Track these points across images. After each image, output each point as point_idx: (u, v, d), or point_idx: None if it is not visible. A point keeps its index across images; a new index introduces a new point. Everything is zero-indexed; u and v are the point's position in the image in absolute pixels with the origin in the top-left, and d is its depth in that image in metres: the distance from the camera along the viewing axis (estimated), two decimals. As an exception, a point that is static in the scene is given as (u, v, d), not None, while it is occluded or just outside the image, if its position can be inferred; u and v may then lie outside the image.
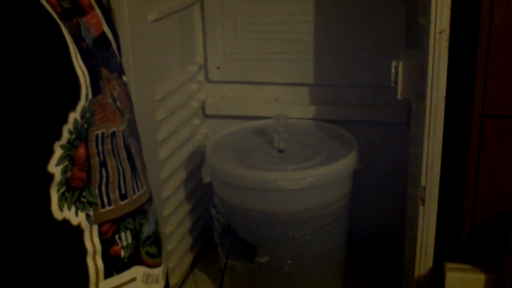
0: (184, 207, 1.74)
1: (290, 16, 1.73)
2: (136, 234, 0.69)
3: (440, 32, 1.15)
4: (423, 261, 1.30)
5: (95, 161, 0.63)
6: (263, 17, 1.76)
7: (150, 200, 0.73)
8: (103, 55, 0.68)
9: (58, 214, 0.61)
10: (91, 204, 0.64)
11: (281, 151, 1.59)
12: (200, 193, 1.82)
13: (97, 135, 0.63)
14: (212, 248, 1.75)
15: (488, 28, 1.15)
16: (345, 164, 1.51)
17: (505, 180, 1.22)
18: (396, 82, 1.28)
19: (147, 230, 0.71)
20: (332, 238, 1.57)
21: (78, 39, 0.62)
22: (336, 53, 1.73)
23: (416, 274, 1.32)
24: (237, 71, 1.83)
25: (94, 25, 0.68)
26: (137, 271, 0.70)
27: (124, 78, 0.73)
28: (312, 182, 1.47)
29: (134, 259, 0.69)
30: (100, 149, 0.64)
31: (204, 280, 1.77)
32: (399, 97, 1.29)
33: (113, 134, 0.66)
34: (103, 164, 0.64)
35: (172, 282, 1.66)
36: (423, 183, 1.25)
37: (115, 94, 0.68)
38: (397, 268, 1.59)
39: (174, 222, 1.65)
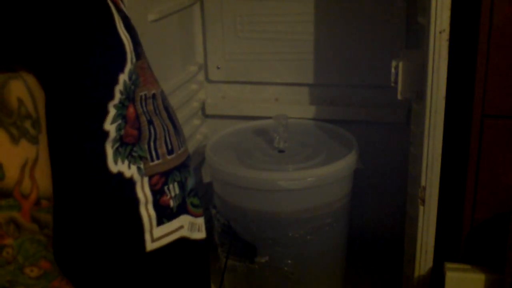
0: (184, 207, 1.73)
1: (290, 16, 1.73)
2: (182, 186, 0.75)
3: (440, 32, 1.15)
4: (423, 261, 1.30)
5: (143, 119, 0.69)
6: (263, 17, 1.76)
7: (190, 157, 0.80)
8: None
9: (113, 167, 0.67)
10: (141, 158, 0.69)
11: (281, 151, 1.59)
12: (200, 193, 1.81)
13: (141, 96, 0.69)
14: (212, 248, 1.75)
15: (488, 28, 1.15)
16: (345, 164, 1.51)
17: (505, 180, 1.22)
18: (396, 82, 1.28)
19: (191, 182, 0.78)
20: (332, 238, 1.57)
21: (117, 8, 0.69)
22: (336, 53, 1.73)
23: (416, 274, 1.32)
24: (237, 71, 1.83)
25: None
26: (184, 219, 0.75)
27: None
28: (312, 182, 1.47)
29: (182, 209, 0.75)
30: (145, 109, 0.70)
31: (204, 280, 1.76)
32: (399, 97, 1.29)
33: (154, 96, 0.72)
34: (150, 122, 0.70)
35: (172, 282, 1.66)
36: (423, 183, 1.25)
37: (149, 64, 0.75)
38: (397, 268, 1.59)
39: (174, 222, 1.65)
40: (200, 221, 0.80)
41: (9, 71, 0.58)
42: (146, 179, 0.70)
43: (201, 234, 0.80)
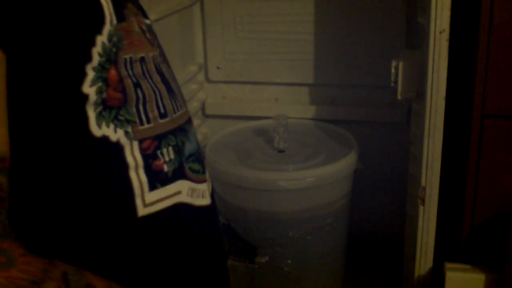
0: (184, 207, 1.73)
1: (290, 16, 1.73)
2: (178, 151, 0.73)
3: (440, 32, 1.15)
4: (423, 261, 1.30)
5: (129, 82, 0.68)
6: (263, 17, 1.76)
7: (190, 121, 0.78)
8: None
9: (96, 131, 0.65)
10: (129, 122, 0.68)
11: (281, 151, 1.59)
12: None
13: (125, 59, 0.68)
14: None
15: (488, 28, 1.15)
16: (345, 164, 1.51)
17: (505, 180, 1.22)
18: (396, 82, 1.28)
19: (189, 147, 0.76)
20: (332, 238, 1.57)
21: None
22: (336, 53, 1.73)
23: (416, 274, 1.32)
24: (237, 71, 1.83)
25: None
26: (182, 185, 0.74)
27: (147, 21, 0.78)
28: (312, 182, 1.47)
29: (178, 174, 0.73)
30: (131, 72, 0.68)
31: (204, 280, 1.76)
32: (399, 97, 1.29)
33: (142, 59, 0.70)
34: (137, 85, 0.69)
35: (172, 282, 1.66)
36: (423, 183, 1.25)
37: (144, 27, 0.74)
38: (397, 268, 1.59)
39: (174, 222, 1.65)
40: (203, 187, 0.79)
41: None
42: (136, 143, 0.68)
43: (205, 201, 0.78)
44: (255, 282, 1.60)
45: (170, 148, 0.72)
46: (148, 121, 0.70)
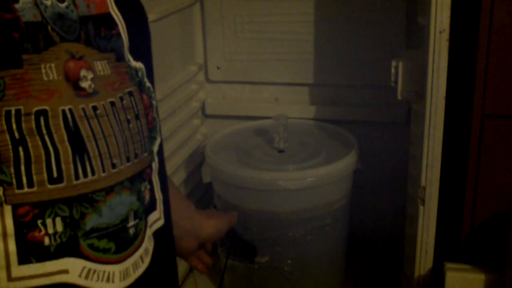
0: (184, 207, 1.73)
1: (290, 16, 1.73)
2: (72, 223, 0.62)
3: (440, 32, 1.15)
4: (423, 261, 1.30)
5: (5, 138, 0.58)
6: (263, 17, 1.76)
7: (110, 189, 0.66)
8: (98, 32, 0.66)
9: None
10: (2, 182, 0.59)
11: (281, 151, 1.59)
12: (200, 193, 1.82)
13: (8, 111, 0.58)
14: (212, 248, 1.75)
15: (488, 28, 1.15)
16: (345, 164, 1.51)
17: (505, 180, 1.22)
18: (396, 82, 1.28)
19: (94, 221, 0.64)
20: (332, 238, 1.57)
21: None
22: (336, 53, 1.73)
23: (416, 274, 1.32)
24: (237, 71, 1.83)
25: (98, 4, 0.67)
26: (71, 263, 0.63)
27: (133, 63, 0.70)
28: (312, 182, 1.47)
29: (67, 250, 0.63)
30: (14, 127, 0.59)
31: (204, 280, 1.77)
32: (399, 97, 1.29)
33: (41, 113, 0.60)
34: (19, 142, 0.59)
35: (172, 282, 1.66)
36: (423, 183, 1.25)
37: (82, 74, 0.63)
38: (397, 268, 1.59)
39: (174, 222, 1.65)
40: (113, 268, 0.66)
41: None
42: (8, 208, 0.59)
43: (113, 286, 0.66)
44: (255, 282, 1.60)
45: (58, 219, 0.61)
46: (30, 185, 0.60)
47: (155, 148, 0.75)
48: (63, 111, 0.61)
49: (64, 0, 0.63)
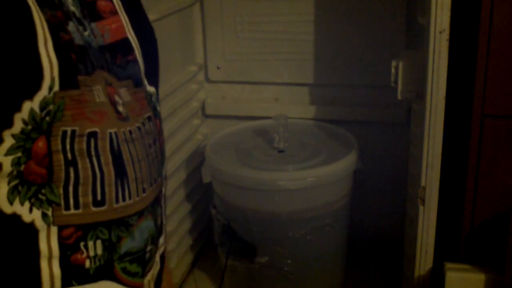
0: (184, 207, 1.74)
1: (290, 16, 1.73)
2: (110, 246, 0.63)
3: (440, 32, 1.15)
4: (423, 261, 1.30)
5: (59, 158, 0.59)
6: (263, 17, 1.76)
7: (141, 214, 0.67)
8: (114, 61, 0.66)
9: (6, 207, 0.58)
10: (51, 203, 0.59)
11: (281, 151, 1.59)
12: (200, 193, 1.82)
13: (64, 132, 0.59)
14: (212, 248, 1.75)
15: (488, 28, 1.15)
16: (345, 164, 1.51)
17: (505, 180, 1.22)
18: (396, 82, 1.28)
19: (128, 244, 0.65)
20: (332, 238, 1.57)
21: (58, 29, 0.59)
22: (336, 53, 1.73)
23: (416, 274, 1.32)
24: (237, 71, 1.83)
25: (114, 31, 0.67)
26: (107, 286, 0.64)
27: (148, 88, 0.71)
28: (312, 182, 1.47)
29: (104, 273, 0.64)
30: (68, 147, 0.59)
31: (204, 280, 1.77)
32: (399, 97, 1.29)
33: (92, 135, 0.61)
34: (71, 163, 0.60)
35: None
36: (423, 183, 1.25)
37: (116, 99, 0.65)
38: (397, 268, 1.59)
39: (174, 222, 1.65)
40: None
41: None
42: (54, 229, 0.59)
43: None
44: (255, 282, 1.60)
45: (99, 242, 0.62)
46: (77, 207, 0.60)
47: (163, 172, 0.77)
48: (110, 134, 0.62)
49: (86, 29, 0.63)
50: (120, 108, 0.64)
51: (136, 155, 0.66)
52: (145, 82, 0.71)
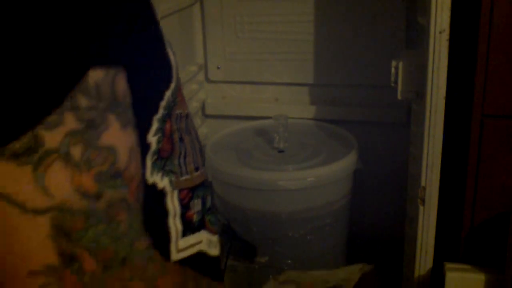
0: (184, 207, 1.73)
1: (290, 16, 1.73)
2: (203, 203, 0.77)
3: (440, 32, 1.15)
4: (423, 261, 1.30)
5: (176, 136, 0.72)
6: (263, 17, 1.76)
7: (207, 175, 0.83)
8: None
9: (149, 178, 0.69)
10: (172, 172, 0.72)
11: (281, 151, 1.59)
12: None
13: (177, 114, 0.72)
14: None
15: (488, 28, 1.15)
16: (345, 164, 1.51)
17: (505, 180, 1.22)
18: (396, 82, 1.28)
19: (209, 200, 0.80)
20: (332, 238, 1.57)
21: None
22: (336, 53, 1.73)
23: (416, 274, 1.32)
24: (237, 71, 1.83)
25: None
26: (203, 235, 0.78)
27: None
28: (312, 182, 1.47)
29: (201, 225, 0.77)
30: (178, 126, 0.72)
31: (204, 280, 1.76)
32: (399, 97, 1.29)
33: (187, 116, 0.75)
34: (181, 139, 0.73)
35: (172, 282, 1.66)
36: (423, 183, 1.25)
37: None
38: (397, 268, 1.59)
39: (174, 222, 1.65)
40: (216, 238, 0.82)
41: None
42: (176, 192, 0.72)
43: (216, 251, 0.82)
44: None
45: (199, 200, 0.77)
46: (187, 173, 0.74)
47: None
48: (187, 114, 0.76)
49: None
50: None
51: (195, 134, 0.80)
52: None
